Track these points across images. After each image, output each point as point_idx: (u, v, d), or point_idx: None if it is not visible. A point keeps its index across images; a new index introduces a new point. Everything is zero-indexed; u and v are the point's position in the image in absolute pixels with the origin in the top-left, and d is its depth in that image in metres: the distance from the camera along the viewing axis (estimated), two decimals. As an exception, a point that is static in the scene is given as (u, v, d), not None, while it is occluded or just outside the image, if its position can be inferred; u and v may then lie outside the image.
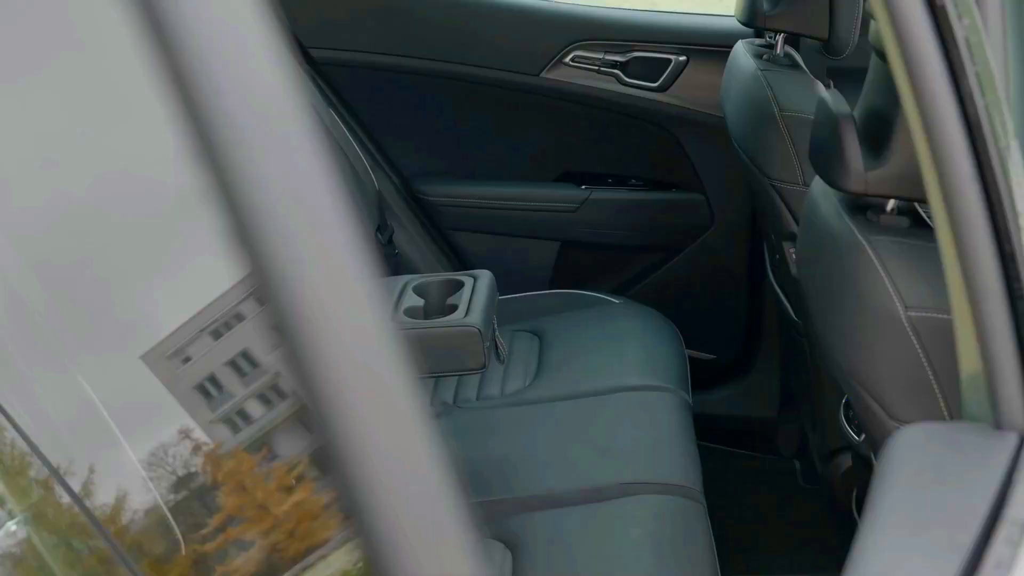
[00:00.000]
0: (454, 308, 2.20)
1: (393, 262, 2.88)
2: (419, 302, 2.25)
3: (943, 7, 0.94)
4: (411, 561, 0.61)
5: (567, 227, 3.02)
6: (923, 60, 0.95)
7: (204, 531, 1.18)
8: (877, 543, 0.92)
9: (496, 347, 2.26)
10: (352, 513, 0.62)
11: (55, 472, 1.43)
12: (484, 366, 2.15)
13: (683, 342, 2.75)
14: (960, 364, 1.04)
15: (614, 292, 2.90)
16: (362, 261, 0.60)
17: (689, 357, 2.98)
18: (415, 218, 3.01)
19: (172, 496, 1.23)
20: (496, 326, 2.26)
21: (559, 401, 2.44)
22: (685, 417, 2.39)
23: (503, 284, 3.04)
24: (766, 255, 2.67)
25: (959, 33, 0.95)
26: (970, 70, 0.96)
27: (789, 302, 2.46)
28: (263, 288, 0.59)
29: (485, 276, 2.32)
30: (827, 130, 1.63)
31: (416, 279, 2.33)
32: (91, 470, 1.43)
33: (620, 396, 2.43)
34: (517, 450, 2.27)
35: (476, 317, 2.15)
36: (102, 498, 1.22)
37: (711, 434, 2.97)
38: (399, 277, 2.39)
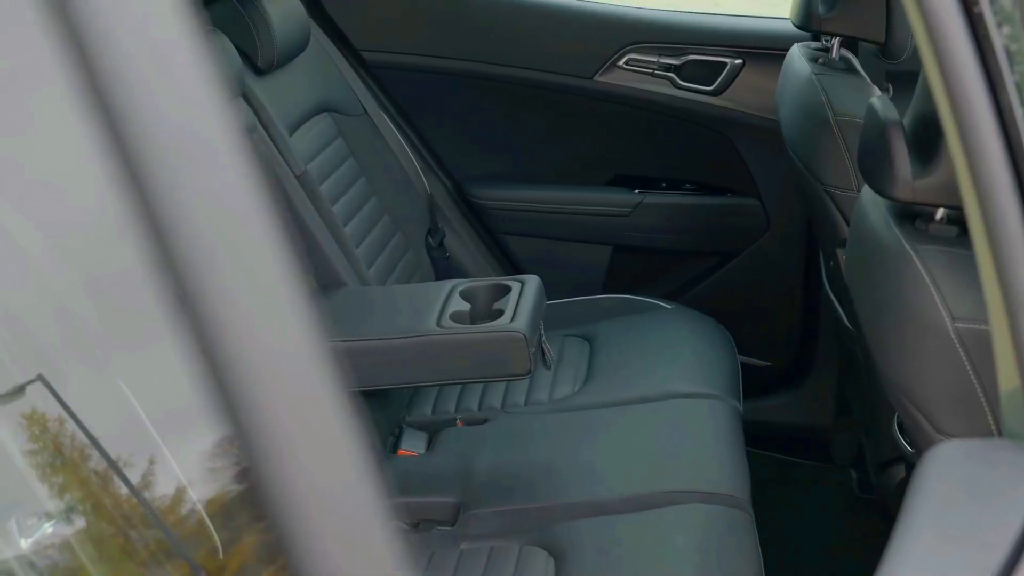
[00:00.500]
0: (500, 313, 2.19)
1: (444, 266, 2.88)
2: (465, 307, 2.24)
3: (981, 15, 0.92)
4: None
5: (620, 231, 3.00)
6: (959, 70, 0.93)
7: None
8: (905, 561, 0.90)
9: (543, 353, 2.25)
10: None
11: (115, 467, 1.44)
12: (530, 372, 2.14)
13: (736, 348, 2.72)
14: (999, 380, 1.01)
15: (666, 297, 2.87)
16: (291, 281, 0.59)
17: (743, 363, 2.95)
18: (467, 222, 3.01)
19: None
20: (543, 331, 2.24)
21: (607, 407, 2.43)
22: (735, 425, 2.36)
23: (555, 288, 3.03)
24: (821, 261, 2.63)
25: (998, 42, 0.92)
26: (1009, 80, 0.93)
27: (843, 309, 2.42)
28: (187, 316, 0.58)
29: (533, 281, 2.31)
30: (875, 137, 1.60)
31: (463, 283, 2.32)
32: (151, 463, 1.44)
33: (669, 403, 2.40)
34: (563, 456, 2.26)
35: (522, 322, 2.14)
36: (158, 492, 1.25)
37: (764, 442, 2.94)
38: (446, 281, 2.39)
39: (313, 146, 2.54)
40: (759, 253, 2.97)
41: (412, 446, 2.36)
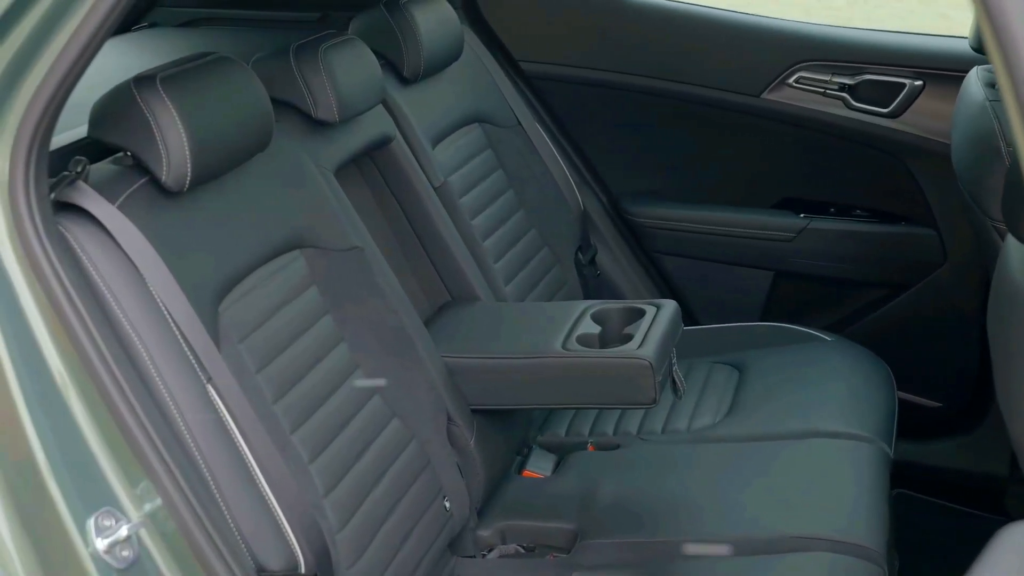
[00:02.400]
0: (630, 338, 2.11)
1: (594, 284, 2.81)
2: (595, 329, 2.17)
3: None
4: None
5: (782, 257, 2.86)
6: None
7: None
8: None
9: (673, 382, 2.15)
10: None
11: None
12: (655, 401, 2.05)
13: (896, 387, 2.56)
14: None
15: (828, 329, 2.73)
16: None
17: (909, 403, 2.78)
18: (621, 239, 2.93)
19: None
20: (675, 359, 2.15)
21: (745, 442, 2.31)
22: (880, 471, 2.21)
23: (709, 313, 2.93)
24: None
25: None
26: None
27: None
28: None
29: (669, 307, 2.22)
30: (1016, 177, 1.45)
31: (596, 305, 2.26)
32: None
33: (812, 442, 2.27)
34: (690, 490, 2.16)
35: (650, 349, 2.06)
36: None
37: (930, 487, 2.76)
38: (579, 302, 2.32)
39: (458, 157, 2.51)
40: (933, 287, 2.79)
41: (538, 467, 2.31)
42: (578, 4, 2.88)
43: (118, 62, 2.24)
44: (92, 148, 1.68)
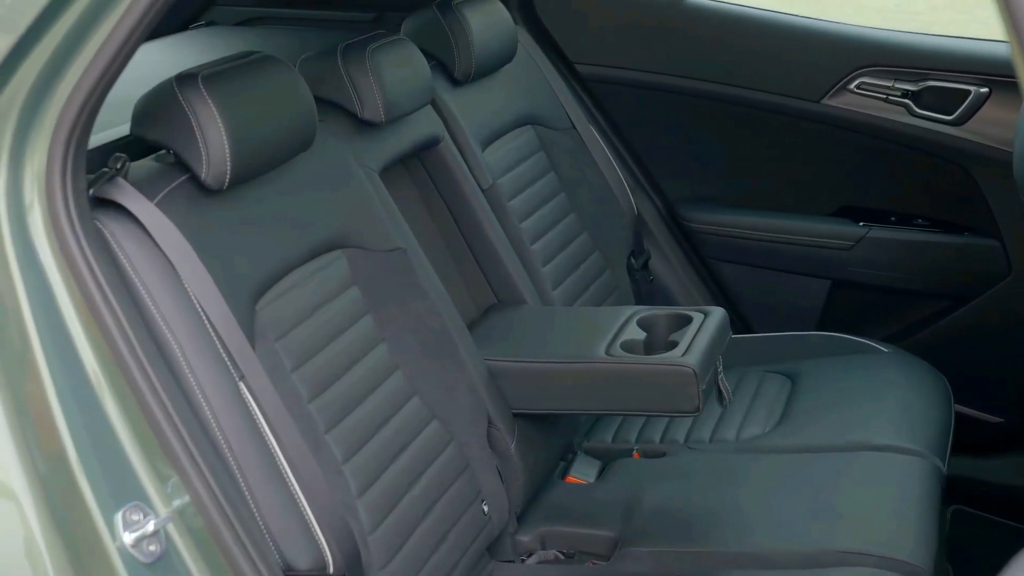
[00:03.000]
0: (675, 345, 2.09)
1: (647, 289, 2.78)
2: (640, 335, 2.15)
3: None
4: None
5: (840, 265, 2.81)
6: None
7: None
8: None
9: (719, 391, 2.12)
10: None
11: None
12: (698, 410, 2.02)
13: (954, 401, 2.49)
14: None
15: (885, 340, 2.67)
16: None
17: (968, 418, 2.71)
18: (676, 245, 2.90)
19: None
20: (721, 367, 2.12)
21: (794, 453, 2.27)
22: (931, 486, 2.15)
23: (764, 321, 2.88)
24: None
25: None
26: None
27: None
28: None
29: (717, 314, 2.19)
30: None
31: (643, 311, 2.23)
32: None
33: (862, 455, 2.23)
34: (734, 501, 2.13)
35: (694, 357, 2.03)
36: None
37: (989, 504, 2.69)
38: (625, 307, 2.30)
39: (509, 159, 2.50)
40: (996, 300, 2.72)
41: (582, 473, 2.29)
42: (635, 6, 2.85)
43: (171, 60, 2.26)
44: (136, 145, 1.70)
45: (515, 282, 2.33)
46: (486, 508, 2.00)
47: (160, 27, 2.68)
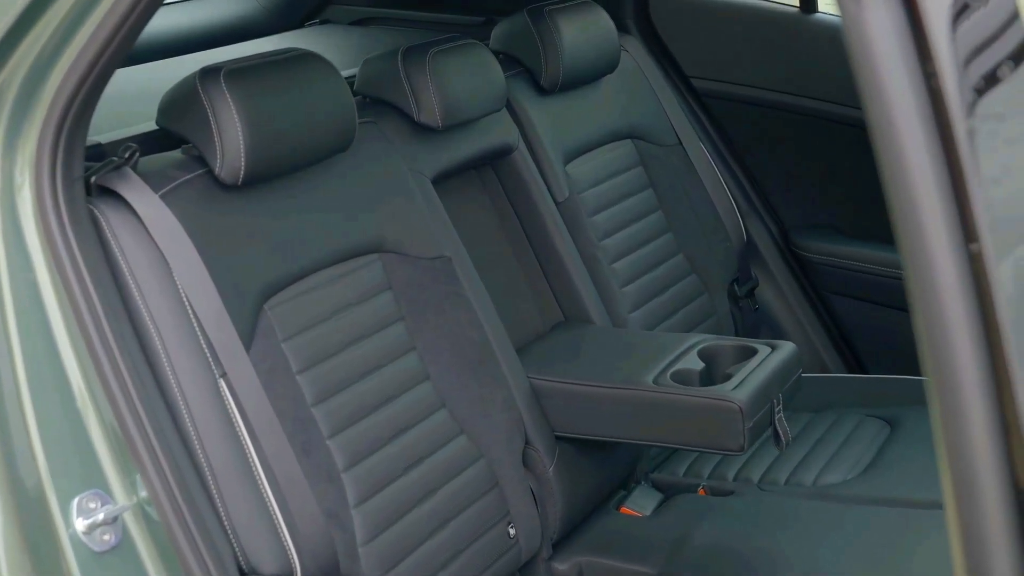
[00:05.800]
0: (730, 379, 1.96)
1: (751, 318, 2.64)
2: (698, 366, 2.03)
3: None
4: None
5: (966, 307, 2.59)
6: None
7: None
8: None
9: (776, 432, 1.98)
10: None
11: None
12: (742, 449, 1.90)
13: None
14: None
15: (1010, 392, 2.44)
16: None
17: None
18: (789, 274, 2.73)
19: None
20: (780, 406, 1.98)
21: (872, 505, 2.11)
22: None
23: (880, 361, 2.69)
24: None
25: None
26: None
27: None
28: None
29: (785, 349, 2.05)
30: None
31: (707, 340, 2.11)
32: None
33: (943, 515, 2.03)
34: (792, 551, 1.98)
35: (744, 393, 1.90)
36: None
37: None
38: (689, 335, 2.18)
39: (599, 173, 2.41)
40: None
41: (638, 506, 2.19)
42: (758, 19, 2.71)
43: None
44: (168, 138, 1.72)
45: (583, 299, 2.24)
46: (513, 531, 1.92)
47: (276, 24, 2.75)
